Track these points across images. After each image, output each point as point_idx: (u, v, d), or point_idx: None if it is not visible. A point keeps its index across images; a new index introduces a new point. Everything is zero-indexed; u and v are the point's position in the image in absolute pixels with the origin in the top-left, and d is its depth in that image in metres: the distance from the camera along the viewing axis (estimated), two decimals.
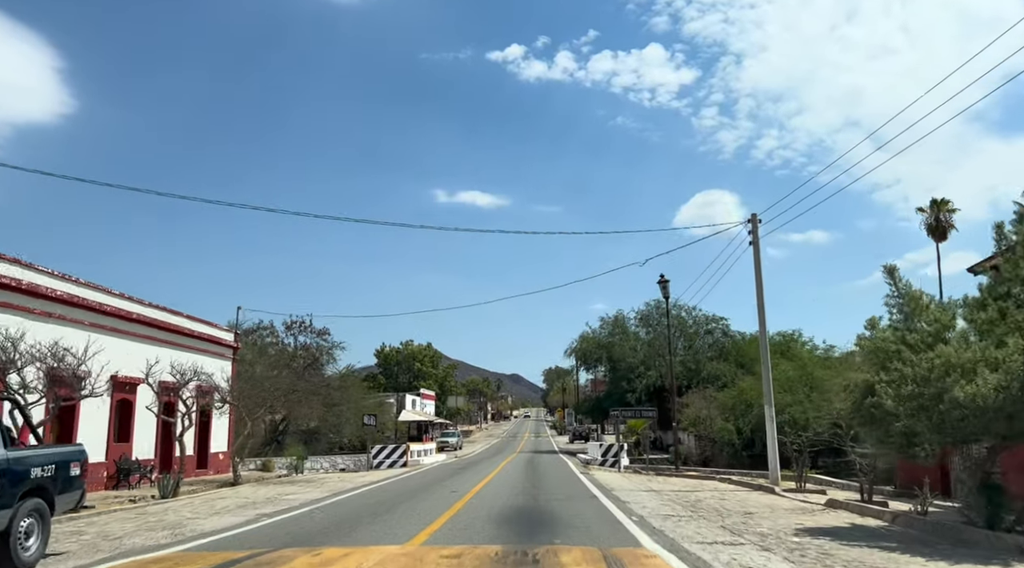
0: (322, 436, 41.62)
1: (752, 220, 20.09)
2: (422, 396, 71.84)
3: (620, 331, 51.89)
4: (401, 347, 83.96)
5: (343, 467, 31.17)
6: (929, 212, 64.34)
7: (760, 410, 37.51)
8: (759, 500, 15.90)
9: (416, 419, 58.31)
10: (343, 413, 40.98)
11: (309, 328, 48.24)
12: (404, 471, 28.49)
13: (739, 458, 37.51)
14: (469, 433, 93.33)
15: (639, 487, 19.63)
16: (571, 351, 53.13)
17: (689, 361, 48.94)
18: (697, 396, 46.00)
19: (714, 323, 51.69)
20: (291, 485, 21.81)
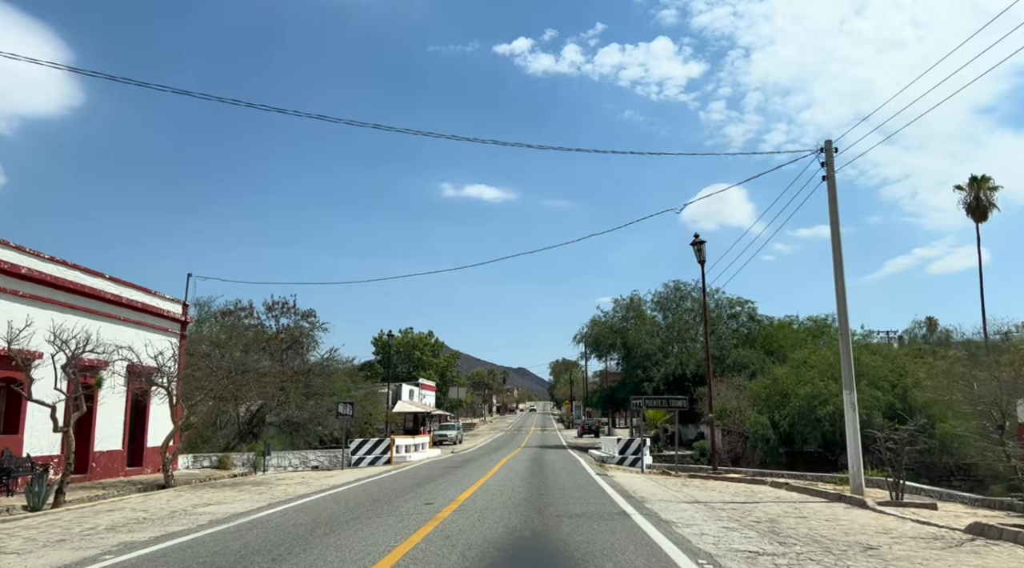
0: (310, 428, 37.10)
1: (826, 148, 15.30)
2: (421, 386, 67.27)
3: (636, 315, 47.13)
4: (400, 335, 79.39)
5: (316, 464, 26.61)
6: (968, 190, 59.21)
7: (800, 402, 32.79)
8: (856, 520, 11.17)
9: (412, 410, 53.82)
10: (328, 403, 36.44)
11: (292, 309, 43.73)
12: (384, 470, 23.90)
13: (774, 455, 32.78)
14: (472, 426, 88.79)
15: (677, 496, 14.93)
16: (581, 337, 48.46)
17: (712, 348, 44.06)
18: (723, 386, 41.23)
19: (739, 306, 46.89)
20: (231, 490, 17.20)
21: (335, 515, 11.20)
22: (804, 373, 33.61)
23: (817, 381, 31.71)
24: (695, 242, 21.95)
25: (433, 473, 21.28)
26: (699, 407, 40.66)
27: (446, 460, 29.85)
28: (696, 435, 41.29)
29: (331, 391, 37.51)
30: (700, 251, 21.86)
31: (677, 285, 48.22)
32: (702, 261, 21.89)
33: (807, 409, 31.18)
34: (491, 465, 25.05)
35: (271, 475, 23.25)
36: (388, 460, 27.13)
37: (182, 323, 23.75)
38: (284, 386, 35.26)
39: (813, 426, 30.67)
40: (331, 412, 39.28)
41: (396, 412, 53.23)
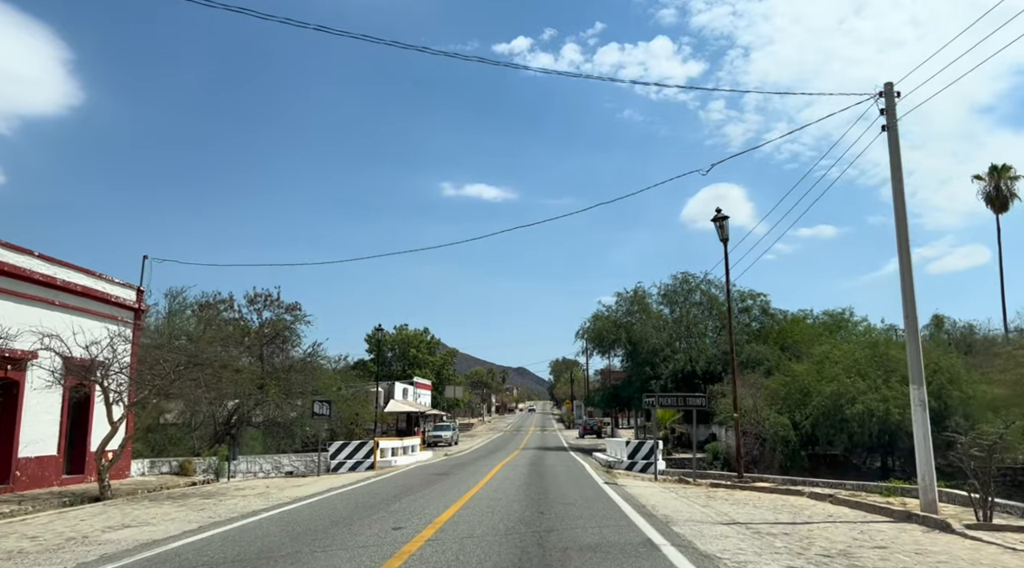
0: (293, 430, 34.38)
1: (887, 91, 12.58)
2: (416, 385, 64.56)
3: (640, 308, 44.38)
4: (395, 332, 76.66)
5: (291, 469, 23.88)
6: (988, 180, 56.52)
7: (823, 401, 29.98)
8: (956, 552, 8.45)
9: (406, 410, 51.12)
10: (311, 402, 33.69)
11: (275, 302, 41.00)
12: (364, 477, 21.18)
13: (795, 459, 30.04)
14: (469, 426, 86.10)
15: (708, 514, 12.21)
16: (583, 332, 45.71)
17: (725, 343, 41.35)
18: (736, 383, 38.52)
19: (751, 300, 44.13)
20: (171, 505, 14.46)
21: (270, 548, 8.47)
22: (827, 369, 30.90)
23: (843, 378, 28.98)
24: (717, 217, 19.20)
25: (417, 482, 18.55)
26: (710, 406, 37.96)
27: (436, 464, 27.12)
28: (707, 437, 38.58)
29: (315, 389, 34.76)
30: (723, 228, 19.12)
31: (685, 277, 45.52)
32: (725, 239, 19.16)
33: (832, 408, 28.48)
34: (485, 471, 22.34)
35: (234, 483, 20.54)
36: (371, 465, 24.41)
37: (136, 311, 21.02)
38: (264, 384, 32.59)
39: (838, 427, 27.97)
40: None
41: (388, 412, 50.53)
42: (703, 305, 44.58)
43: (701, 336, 42.72)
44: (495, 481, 18.22)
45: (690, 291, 45.44)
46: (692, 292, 45.29)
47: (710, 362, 40.12)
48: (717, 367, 39.88)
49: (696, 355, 40.42)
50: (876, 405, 26.93)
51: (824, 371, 30.85)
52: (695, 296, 45.25)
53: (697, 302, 44.97)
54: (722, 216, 19.12)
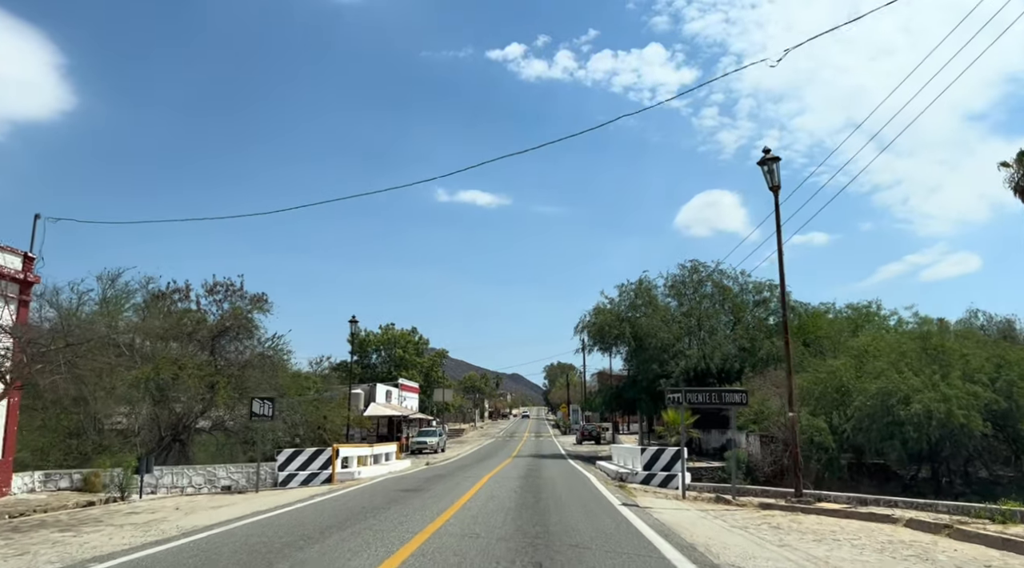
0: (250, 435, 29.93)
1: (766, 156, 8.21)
2: (401, 387, 60.02)
3: (646, 300, 39.99)
4: (380, 331, 72.09)
5: (228, 483, 19.36)
6: (1016, 167, 52.51)
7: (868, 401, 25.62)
8: None
9: (387, 414, 46.60)
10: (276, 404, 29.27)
11: (238, 292, 36.50)
12: (313, 495, 16.70)
13: (833, 468, 25.63)
14: (460, 432, 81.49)
15: (787, 557, 7.80)
16: (583, 326, 41.25)
17: (742, 338, 37.05)
18: (756, 382, 34.23)
19: (768, 291, 39.78)
20: (19, 537, 9.97)
21: None
22: (869, 364, 26.60)
23: (890, 373, 24.65)
24: (765, 159, 14.83)
25: (374, 502, 14.09)
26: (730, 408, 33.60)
27: (411, 476, 22.65)
28: (724, 442, 34.18)
29: (277, 389, 30.26)
30: (772, 173, 14.75)
31: (694, 266, 41.19)
32: (775, 187, 14.79)
33: (879, 409, 24.13)
34: (467, 485, 17.90)
35: (146, 502, 16.05)
36: (328, 478, 19.94)
37: (22, 282, 16.52)
38: (215, 383, 28.07)
39: (889, 431, 23.63)
40: (283, 415, 32.30)
41: (369, 416, 46.00)
42: (714, 297, 40.26)
43: (713, 331, 38.36)
44: (476, 501, 13.78)
45: (700, 282, 41.12)
46: (702, 283, 40.98)
47: (726, 359, 35.78)
48: (734, 365, 35.54)
49: (710, 351, 36.06)
50: (936, 405, 22.59)
51: (865, 366, 26.57)
52: (706, 287, 40.93)
53: (708, 294, 40.66)
54: (771, 157, 14.75)
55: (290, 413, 31.62)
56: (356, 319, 34.23)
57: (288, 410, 32.03)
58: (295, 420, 32.05)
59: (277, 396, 32.99)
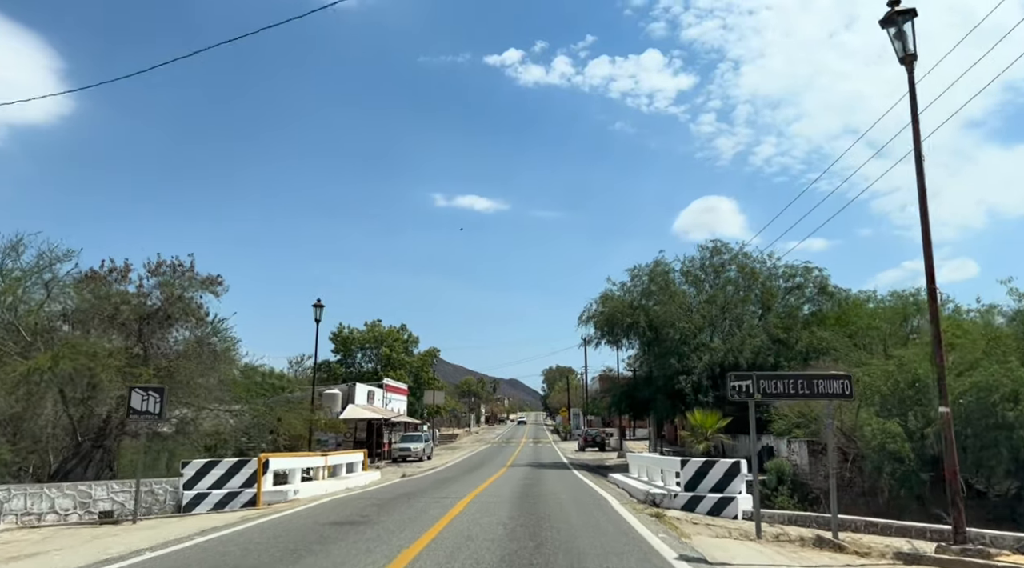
0: (185, 441, 24.55)
1: None
2: (386, 388, 54.52)
3: (661, 286, 34.64)
4: (365, 328, 66.59)
5: (107, 508, 13.93)
6: None
7: (953, 400, 20.32)
8: None
9: (365, 417, 41.21)
10: (210, 401, 24.10)
11: (188, 273, 31.17)
12: (215, 526, 11.33)
13: (910, 484, 20.20)
14: (453, 437, 76.01)
15: None
16: (588, 317, 35.87)
17: (776, 327, 31.66)
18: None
19: (803, 275, 34.48)
20: None
21: None
22: (954, 354, 21.29)
23: (989, 364, 19.33)
24: (892, 16, 9.54)
25: (278, 550, 8.72)
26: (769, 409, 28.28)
27: (369, 495, 17.24)
28: (760, 450, 28.83)
29: (220, 385, 24.89)
30: (904, 37, 9.47)
31: (716, 247, 35.87)
32: (908, 58, 9.49)
33: (975, 410, 18.83)
34: (438, 511, 12.57)
35: None
36: (252, 499, 14.56)
37: None
38: (139, 375, 22.65)
39: (991, 438, 18.32)
40: (242, 416, 27.09)
41: (347, 418, 40.56)
42: (738, 283, 34.88)
43: (740, 320, 33.02)
44: (439, 548, 8.44)
45: (722, 265, 35.83)
46: (725, 266, 35.68)
47: (757, 352, 30.40)
48: (767, 358, 30.17)
49: (739, 343, 30.69)
50: None
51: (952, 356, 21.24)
52: (729, 271, 35.63)
53: (731, 279, 35.34)
54: (903, 10, 9.45)
55: (238, 415, 26.40)
56: (321, 302, 28.88)
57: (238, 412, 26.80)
58: (245, 423, 26.73)
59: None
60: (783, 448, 26.82)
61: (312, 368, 52.93)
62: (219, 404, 25.95)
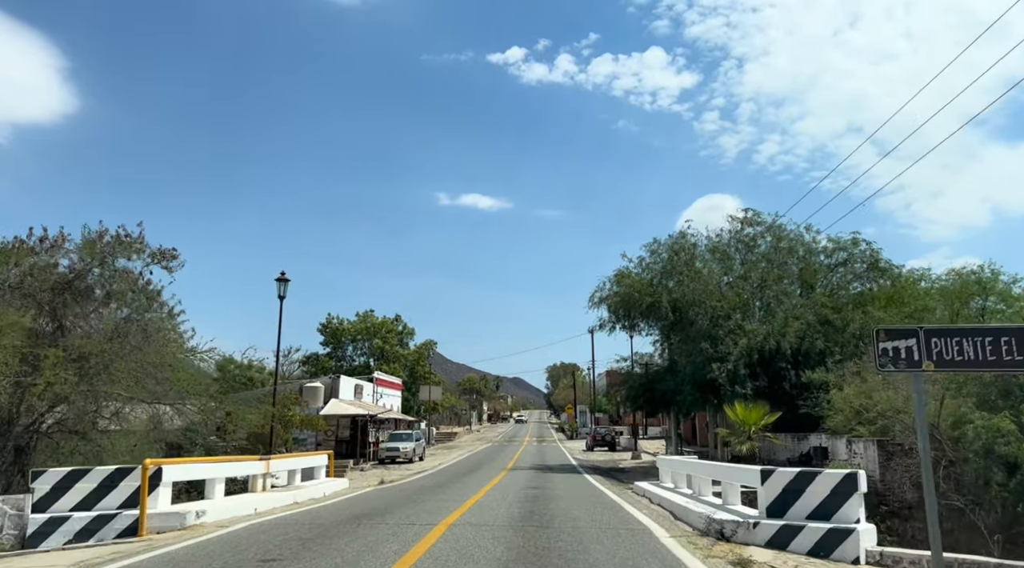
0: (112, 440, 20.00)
1: None
2: (377, 382, 49.97)
3: (686, 262, 29.94)
4: (357, 319, 61.98)
5: None
6: None
7: None
8: None
9: (349, 413, 36.67)
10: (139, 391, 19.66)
11: (135, 244, 26.65)
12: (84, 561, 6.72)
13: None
14: (452, 436, 71.45)
15: None
16: (600, 299, 31.11)
17: (824, 307, 26.89)
18: (850, 367, 24.31)
19: (848, 249, 29.78)
20: None
21: None
22: None
23: None
24: None
25: None
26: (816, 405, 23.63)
27: (319, 512, 12.70)
28: (807, 451, 24.17)
29: (158, 373, 20.33)
30: None
31: (748, 218, 31.12)
32: None
33: None
34: (398, 548, 7.99)
35: None
36: (134, 525, 9.98)
37: None
38: (37, 357, 18.12)
39: None
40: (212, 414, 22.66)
41: (328, 414, 36.00)
42: (773, 258, 30.10)
43: (780, 299, 28.34)
44: None
45: (754, 238, 31.15)
46: (756, 240, 30.99)
47: (802, 335, 25.70)
48: (814, 342, 25.50)
49: (781, 325, 25.99)
50: None
51: None
52: (762, 244, 30.94)
53: (765, 253, 30.63)
54: None
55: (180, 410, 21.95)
56: (286, 276, 24.22)
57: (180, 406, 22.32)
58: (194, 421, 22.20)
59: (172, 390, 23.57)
60: (840, 449, 22.16)
61: (276, 352, 48.01)
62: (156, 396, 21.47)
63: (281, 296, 24.06)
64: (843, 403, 22.64)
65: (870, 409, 21.20)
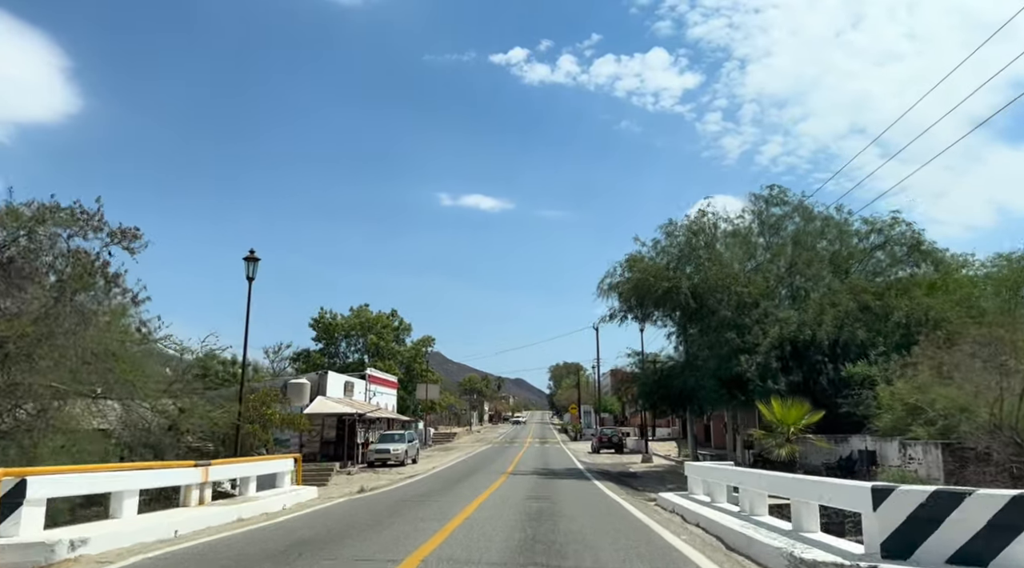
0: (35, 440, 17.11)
1: None
2: (370, 379, 47.06)
3: (707, 244, 26.95)
4: (351, 313, 59.02)
5: None
6: None
7: None
8: None
9: (335, 412, 33.73)
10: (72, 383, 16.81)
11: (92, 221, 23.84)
12: None
13: None
14: (451, 437, 68.44)
15: None
16: (610, 286, 28.06)
17: (865, 293, 23.81)
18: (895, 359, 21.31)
19: (887, 231, 26.80)
20: None
21: None
22: None
23: None
24: None
25: None
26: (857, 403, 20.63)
27: (255, 538, 9.76)
28: (851, 455, 21.11)
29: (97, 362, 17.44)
30: None
31: (773, 197, 28.17)
32: None
33: None
34: None
35: None
36: None
37: None
38: None
39: None
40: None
41: (313, 413, 33.05)
42: (802, 240, 27.08)
43: (814, 284, 25.36)
44: None
45: (781, 219, 28.18)
46: (786, 220, 28.03)
47: (841, 324, 22.68)
48: (855, 332, 22.49)
49: (817, 313, 22.97)
50: None
51: None
52: (790, 225, 27.98)
53: (792, 233, 27.66)
54: None
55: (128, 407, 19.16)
56: (255, 255, 21.23)
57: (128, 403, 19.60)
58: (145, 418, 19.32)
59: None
60: (891, 453, 19.16)
61: (244, 339, 45.45)
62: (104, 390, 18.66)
63: (250, 277, 21.07)
64: (893, 400, 19.70)
65: (928, 407, 18.26)
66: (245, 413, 28.15)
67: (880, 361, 21.34)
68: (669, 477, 26.12)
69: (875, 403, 19.83)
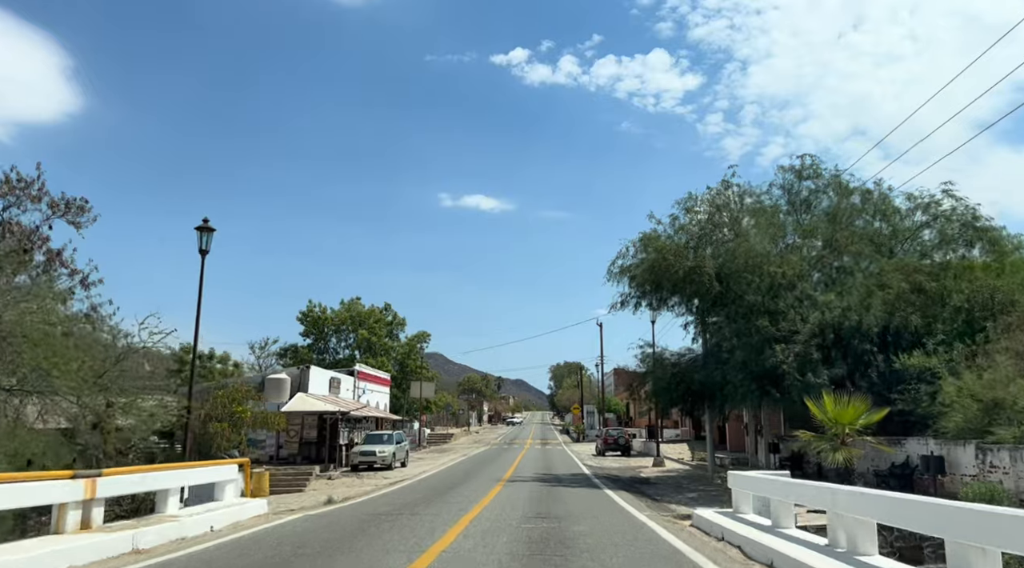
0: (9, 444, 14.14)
1: None
2: (359, 376, 43.88)
3: (732, 219, 23.82)
4: (342, 307, 55.89)
5: None
6: None
7: None
8: None
9: (316, 410, 30.65)
10: None
11: (31, 192, 21.00)
12: None
13: None
14: (447, 437, 65.33)
15: None
16: (621, 269, 24.89)
17: (919, 274, 20.63)
18: (959, 348, 18.13)
19: (934, 209, 23.67)
20: None
21: None
22: None
23: None
24: None
25: None
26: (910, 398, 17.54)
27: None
28: (908, 461, 17.94)
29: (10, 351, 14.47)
30: None
31: (804, 170, 25.02)
32: None
33: None
34: None
35: None
36: None
37: None
38: None
39: None
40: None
41: (291, 411, 29.93)
42: (839, 218, 23.84)
43: (857, 262, 22.21)
44: None
45: (814, 193, 25.08)
46: (820, 194, 24.92)
47: (891, 309, 19.53)
48: (908, 317, 19.35)
49: (863, 296, 19.83)
50: None
51: None
52: (823, 200, 24.87)
53: (826, 210, 24.55)
54: None
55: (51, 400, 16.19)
56: (209, 224, 18.02)
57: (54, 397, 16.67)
58: (71, 414, 16.33)
59: None
60: (963, 459, 16.01)
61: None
62: None
63: (203, 250, 17.93)
64: (961, 396, 16.60)
65: (1010, 405, 15.16)
66: (213, 411, 24.99)
67: (940, 351, 18.24)
68: (686, 484, 23.02)
69: (938, 399, 16.76)
